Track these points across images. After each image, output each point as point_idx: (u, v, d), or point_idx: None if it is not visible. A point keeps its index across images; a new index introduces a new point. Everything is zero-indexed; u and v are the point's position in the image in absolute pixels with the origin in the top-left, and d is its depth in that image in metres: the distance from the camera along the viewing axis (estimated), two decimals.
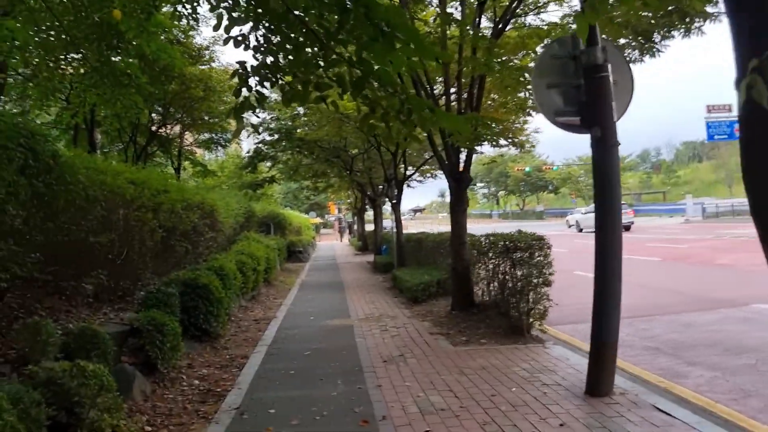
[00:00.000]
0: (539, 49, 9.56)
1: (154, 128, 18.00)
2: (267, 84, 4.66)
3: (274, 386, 6.27)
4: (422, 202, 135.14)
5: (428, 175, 25.96)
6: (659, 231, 34.91)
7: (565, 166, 75.05)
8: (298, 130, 22.04)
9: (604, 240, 5.39)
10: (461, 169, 9.78)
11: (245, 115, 4.82)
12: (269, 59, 4.43)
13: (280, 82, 4.65)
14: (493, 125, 8.90)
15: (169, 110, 17.33)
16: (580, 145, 72.91)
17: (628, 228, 36.02)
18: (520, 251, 8.30)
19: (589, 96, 5.47)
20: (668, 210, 59.80)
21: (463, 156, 9.89)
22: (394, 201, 17.38)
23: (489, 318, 8.98)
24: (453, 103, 10.67)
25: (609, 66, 5.40)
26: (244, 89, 4.60)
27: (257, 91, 4.68)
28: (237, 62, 4.44)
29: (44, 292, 6.45)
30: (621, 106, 5.69)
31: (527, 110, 11.47)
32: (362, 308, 11.71)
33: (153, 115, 17.80)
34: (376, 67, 3.70)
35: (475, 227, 19.16)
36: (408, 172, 18.77)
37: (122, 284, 8.30)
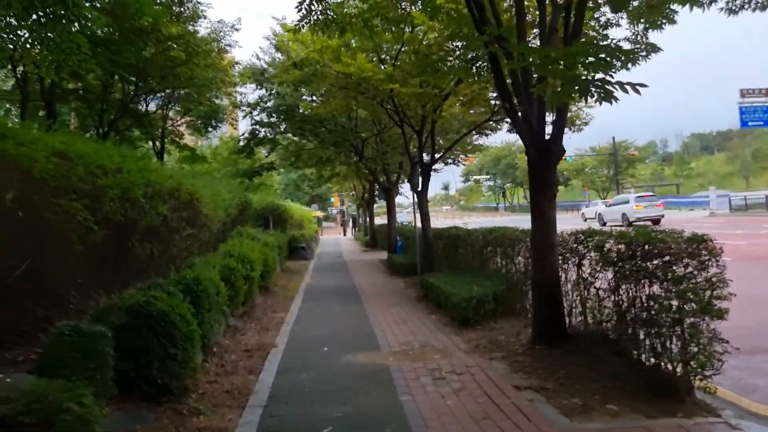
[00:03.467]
0: None
1: (127, 101, 14.85)
2: None
3: None
4: None
5: (449, 160, 22.77)
6: (692, 225, 31.73)
7: (577, 156, 71.42)
8: (300, 108, 18.91)
9: None
10: (548, 136, 6.65)
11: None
12: None
13: None
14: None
15: (145, 78, 14.16)
16: (593, 135, 68.90)
17: (657, 221, 33.24)
18: (655, 259, 5.29)
19: None
20: (688, 203, 56.85)
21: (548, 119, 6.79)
22: (419, 189, 14.21)
23: (598, 359, 5.88)
24: None
25: None
26: None
27: None
28: None
29: None
30: None
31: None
32: (392, 332, 8.62)
33: (126, 84, 14.73)
34: None
35: (484, 220, 16.30)
36: (436, 155, 15.56)
37: (35, 313, 5.29)
